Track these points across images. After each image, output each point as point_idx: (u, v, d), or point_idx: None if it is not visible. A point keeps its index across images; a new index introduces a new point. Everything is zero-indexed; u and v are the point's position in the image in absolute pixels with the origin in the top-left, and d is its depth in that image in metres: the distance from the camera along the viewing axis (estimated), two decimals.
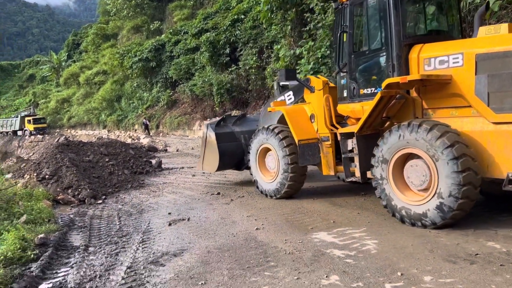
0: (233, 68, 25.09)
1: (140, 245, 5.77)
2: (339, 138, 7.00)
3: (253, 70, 23.01)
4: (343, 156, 6.88)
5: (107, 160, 11.29)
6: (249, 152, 8.57)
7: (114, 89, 43.29)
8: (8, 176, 10.64)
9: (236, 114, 10.11)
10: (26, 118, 49.46)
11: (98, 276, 4.74)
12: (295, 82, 8.35)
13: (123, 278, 4.62)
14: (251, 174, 8.64)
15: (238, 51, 25.02)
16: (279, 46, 19.26)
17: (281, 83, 9.12)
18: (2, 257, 5.06)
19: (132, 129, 38.67)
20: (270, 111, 8.78)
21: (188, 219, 6.95)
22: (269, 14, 18.25)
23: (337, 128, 7.11)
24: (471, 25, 9.43)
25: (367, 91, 6.45)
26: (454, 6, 6.65)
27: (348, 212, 6.68)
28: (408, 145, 5.54)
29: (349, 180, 6.94)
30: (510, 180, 4.95)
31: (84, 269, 4.99)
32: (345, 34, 6.72)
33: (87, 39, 57.17)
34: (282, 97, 8.69)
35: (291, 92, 8.52)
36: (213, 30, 27.73)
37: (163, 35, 36.81)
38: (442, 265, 4.33)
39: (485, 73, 5.24)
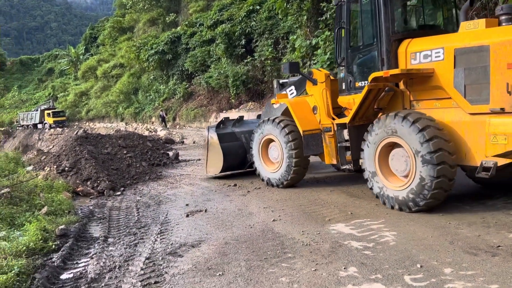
0: (248, 60, 25.00)
1: (158, 236, 5.83)
2: (335, 128, 7.38)
3: (269, 61, 22.89)
4: (338, 145, 7.31)
5: (125, 152, 11.41)
6: (251, 147, 8.87)
7: (131, 82, 43.64)
8: (29, 168, 10.85)
9: (233, 118, 10.72)
10: (46, 112, 50.28)
11: (117, 267, 4.80)
12: (295, 78, 8.74)
13: (142, 269, 4.67)
14: (255, 168, 8.89)
15: (254, 42, 24.90)
16: (295, 37, 19.11)
17: (281, 81, 9.63)
18: (24, 248, 5.16)
19: (149, 121, 39.00)
20: (273, 104, 9.04)
21: (206, 211, 6.98)
22: (285, 4, 18.11)
23: (334, 119, 7.48)
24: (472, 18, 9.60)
25: (361, 84, 6.76)
26: (445, 2, 6.89)
27: (366, 204, 6.62)
28: (392, 135, 5.96)
29: (344, 167, 7.37)
30: (484, 168, 5.30)
31: (103, 260, 5.06)
32: (343, 30, 7.08)
33: (104, 32, 57.62)
34: (283, 92, 8.99)
35: (293, 87, 8.84)
36: (228, 22, 27.64)
37: (178, 27, 36.88)
38: (462, 257, 4.26)
39: (462, 66, 5.58)
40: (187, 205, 7.54)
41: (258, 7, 25.67)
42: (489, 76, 5.33)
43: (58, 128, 42.93)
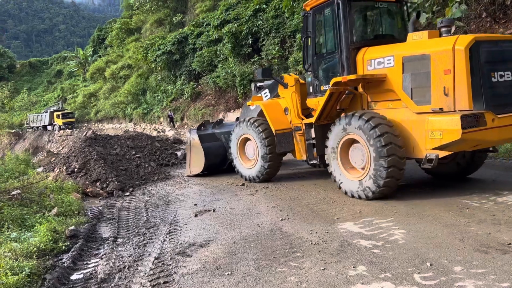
0: (255, 59, 24.95)
1: (167, 236, 5.85)
2: (304, 127, 8.09)
3: (276, 60, 22.84)
4: (306, 142, 8.04)
5: (133, 153, 11.46)
6: (230, 146, 9.63)
7: (139, 83, 43.78)
8: (40, 170, 10.95)
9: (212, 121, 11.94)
10: (55, 113, 50.66)
11: (127, 267, 4.83)
12: (270, 82, 9.54)
13: (151, 269, 4.70)
14: (234, 166, 9.56)
15: (261, 41, 24.86)
16: None
17: (258, 84, 10.33)
18: (35, 249, 5.21)
19: (158, 122, 39.11)
20: (250, 106, 9.97)
21: (214, 210, 7.00)
22: (291, 2, 18.06)
23: (303, 119, 8.21)
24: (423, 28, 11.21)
25: (325, 87, 7.46)
26: (399, 13, 7.77)
27: (374, 202, 6.58)
28: (351, 133, 6.75)
29: (311, 162, 8.18)
30: (428, 159, 6.07)
31: (113, 260, 5.09)
32: (309, 39, 7.84)
33: (112, 34, 57.84)
34: (259, 94, 9.84)
35: (267, 90, 9.69)
36: (235, 21, 27.62)
37: (185, 28, 36.91)
38: (473, 255, 4.22)
39: (409, 72, 6.38)
40: (195, 204, 7.57)
41: (264, 6, 25.62)
42: (430, 81, 6.12)
43: (67, 130, 43.25)
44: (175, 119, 35.28)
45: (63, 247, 5.54)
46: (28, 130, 54.24)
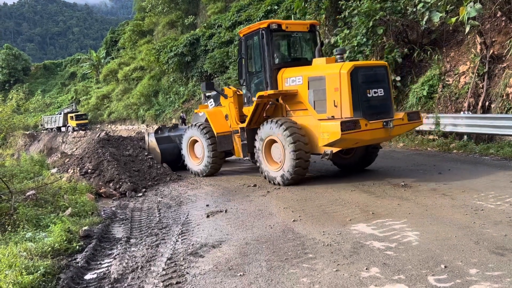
0: None
1: (180, 236, 5.87)
2: (240, 131, 9.75)
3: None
4: (241, 143, 9.73)
5: (146, 154, 11.53)
6: (182, 147, 11.22)
7: (152, 84, 44.04)
8: (54, 170, 11.07)
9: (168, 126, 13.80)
10: (69, 115, 51.24)
11: (139, 267, 4.86)
12: (215, 93, 11.15)
13: (163, 269, 4.72)
14: (185, 165, 11.18)
15: None
16: None
17: (207, 94, 12.12)
18: (49, 248, 5.27)
19: (170, 123, 39.31)
20: (197, 113, 11.93)
21: (226, 211, 7.01)
22: (303, 3, 18.02)
23: (238, 124, 9.85)
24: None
25: (255, 99, 8.99)
26: (311, 39, 9.67)
27: (387, 203, 6.53)
28: (271, 134, 8.53)
29: (245, 159, 10.07)
30: (325, 154, 8.03)
31: (126, 260, 5.13)
32: (243, 60, 9.68)
33: (124, 36, 58.29)
34: (206, 103, 11.81)
35: (212, 100, 11.54)
36: (246, 22, 27.64)
37: (197, 29, 37.05)
38: (488, 258, 4.16)
39: (312, 89, 8.33)
40: (207, 205, 7.59)
41: (276, 7, 25.62)
42: (325, 95, 8.04)
43: (81, 131, 43.70)
44: (187, 120, 35.41)
45: (77, 247, 5.59)
46: (42, 131, 54.95)
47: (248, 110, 9.46)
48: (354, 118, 7.60)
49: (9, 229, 6.06)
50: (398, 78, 14.23)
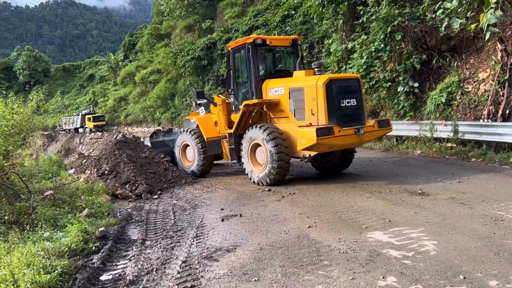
0: None
1: (194, 240, 5.88)
2: (227, 136, 10.50)
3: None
4: (229, 147, 10.47)
5: (162, 156, 11.61)
6: (175, 151, 12.09)
7: (168, 87, 44.42)
8: (71, 171, 11.22)
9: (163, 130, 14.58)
10: (87, 116, 51.95)
11: (154, 270, 4.88)
12: (205, 101, 11.89)
13: (178, 272, 4.73)
14: (178, 166, 11.83)
15: None
16: (330, 41, 18.93)
17: (198, 102, 12.78)
18: (66, 248, 5.33)
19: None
20: (189, 119, 12.79)
21: (240, 215, 7.00)
22: (320, 8, 17.97)
23: (227, 130, 10.58)
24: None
25: (242, 107, 9.78)
26: (294, 53, 10.56)
27: (404, 211, 6.45)
28: (256, 139, 9.32)
29: (232, 161, 10.74)
30: (304, 157, 8.80)
31: (141, 262, 5.15)
32: (231, 71, 10.57)
33: (142, 39, 58.97)
34: (197, 110, 12.60)
35: (203, 107, 12.31)
36: (263, 27, 27.73)
37: (214, 34, 37.29)
38: (509, 269, 4.07)
39: (293, 98, 9.17)
40: (222, 209, 7.59)
41: (293, 12, 25.63)
42: (304, 105, 8.86)
43: (98, 133, 44.26)
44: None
45: (93, 247, 5.65)
46: (60, 132, 55.84)
47: (235, 117, 10.21)
48: (329, 125, 8.37)
49: (28, 228, 6.15)
50: (416, 85, 14.06)
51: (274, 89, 9.60)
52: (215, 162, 12.04)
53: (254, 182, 9.59)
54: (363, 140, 9.01)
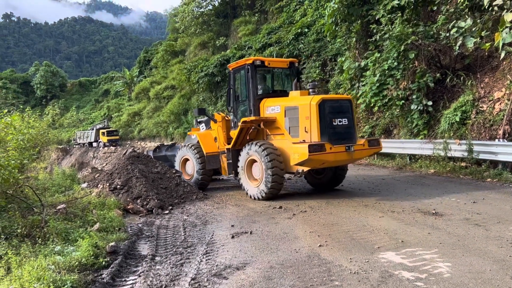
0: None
1: (204, 256, 5.85)
2: (226, 151, 11.10)
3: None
4: (227, 161, 10.97)
5: (174, 171, 11.65)
6: (175, 165, 12.67)
7: (181, 103, 44.86)
8: (84, 185, 11.31)
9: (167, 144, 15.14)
10: (101, 131, 52.64)
11: (163, 286, 4.85)
12: (206, 118, 12.62)
13: None
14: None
15: (301, 64, 25.00)
16: (343, 59, 19.00)
17: (198, 120, 13.59)
18: (77, 263, 5.34)
19: None
20: (190, 135, 13.20)
21: (251, 233, 6.95)
22: (334, 27, 18.08)
23: (225, 146, 11.17)
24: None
25: (240, 124, 10.31)
26: (291, 74, 11.25)
27: (417, 232, 6.34)
28: (252, 154, 9.84)
29: (229, 176, 11.30)
30: (298, 172, 9.30)
31: (150, 278, 5.13)
32: (231, 90, 11.11)
33: (157, 55, 59.91)
34: (198, 126, 13.24)
35: (203, 124, 12.96)
36: (276, 44, 27.96)
37: (228, 51, 37.72)
38: None
39: (288, 117, 9.66)
40: (232, 226, 7.55)
41: (306, 30, 25.83)
42: (298, 123, 9.35)
43: (111, 147, 44.70)
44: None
45: (103, 262, 5.64)
46: (74, 146, 56.51)
47: (234, 133, 10.77)
48: (321, 142, 8.85)
49: (40, 242, 6.18)
50: (430, 103, 13.97)
51: (271, 107, 10.14)
52: (213, 177, 12.47)
53: (250, 197, 9.99)
54: (353, 158, 9.40)
